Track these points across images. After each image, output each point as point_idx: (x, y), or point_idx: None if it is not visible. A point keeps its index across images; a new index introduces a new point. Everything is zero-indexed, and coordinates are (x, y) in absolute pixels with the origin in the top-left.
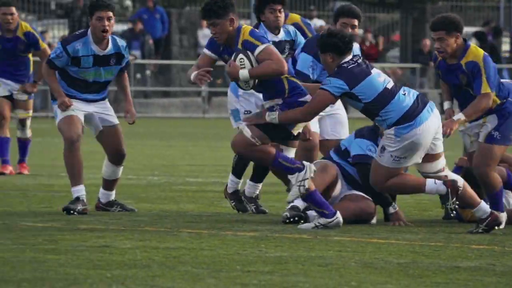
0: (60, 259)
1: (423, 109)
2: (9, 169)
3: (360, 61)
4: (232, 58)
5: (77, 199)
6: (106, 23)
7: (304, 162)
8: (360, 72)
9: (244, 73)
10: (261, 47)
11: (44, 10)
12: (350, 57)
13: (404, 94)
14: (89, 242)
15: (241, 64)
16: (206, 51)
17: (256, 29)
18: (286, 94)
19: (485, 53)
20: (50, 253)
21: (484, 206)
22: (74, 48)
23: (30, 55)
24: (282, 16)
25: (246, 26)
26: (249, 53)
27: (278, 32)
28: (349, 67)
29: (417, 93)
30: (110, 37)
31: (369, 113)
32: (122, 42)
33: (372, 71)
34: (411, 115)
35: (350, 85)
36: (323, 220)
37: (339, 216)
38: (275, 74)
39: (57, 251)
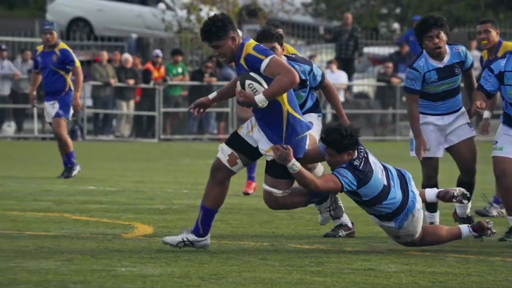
0: (325, 281)
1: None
2: (252, 186)
3: (365, 154)
4: (239, 86)
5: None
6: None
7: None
8: (368, 170)
9: (260, 98)
10: (266, 61)
11: (313, 35)
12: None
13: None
14: (355, 265)
15: (252, 90)
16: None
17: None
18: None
19: None
20: (316, 275)
21: None
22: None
23: None
24: (441, 41)
25: (252, 41)
26: (253, 74)
27: (442, 58)
28: (361, 166)
29: (396, 176)
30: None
31: (363, 205)
32: None
33: (373, 167)
34: (401, 208)
35: (359, 185)
36: (191, 237)
37: (207, 239)
38: (290, 86)
39: (323, 273)
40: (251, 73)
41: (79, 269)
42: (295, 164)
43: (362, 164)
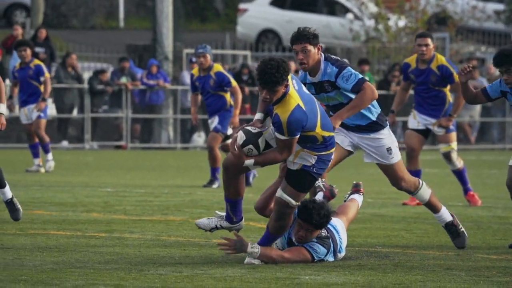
0: None
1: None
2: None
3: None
4: (241, 141)
5: None
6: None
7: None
8: (330, 235)
9: (249, 162)
10: (284, 137)
11: (504, 42)
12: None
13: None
14: None
15: (248, 153)
16: None
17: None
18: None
19: None
20: (504, 286)
21: None
22: None
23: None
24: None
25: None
26: (261, 140)
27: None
28: (327, 241)
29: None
30: None
31: None
32: None
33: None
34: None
35: (328, 252)
36: (225, 224)
37: (241, 223)
38: (275, 163)
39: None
40: (262, 137)
41: (263, 277)
42: (254, 248)
43: (328, 238)
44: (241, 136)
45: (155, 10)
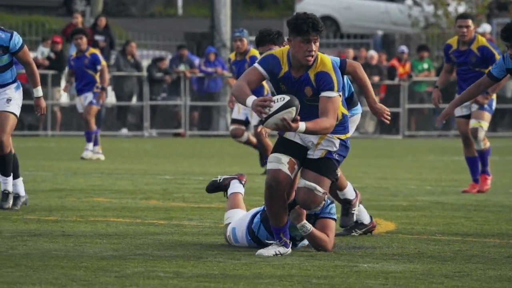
0: None
1: None
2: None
3: None
4: (279, 104)
5: None
6: None
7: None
8: None
9: (302, 127)
10: (333, 94)
11: None
12: None
13: None
14: None
15: (288, 117)
16: (259, 66)
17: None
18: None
19: None
20: None
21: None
22: None
23: None
24: None
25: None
26: (297, 102)
27: None
28: None
29: None
30: None
31: None
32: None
33: None
34: None
35: None
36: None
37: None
38: (327, 132)
39: None
40: (297, 101)
41: (322, 265)
42: (305, 225)
43: None
44: (280, 98)
45: None
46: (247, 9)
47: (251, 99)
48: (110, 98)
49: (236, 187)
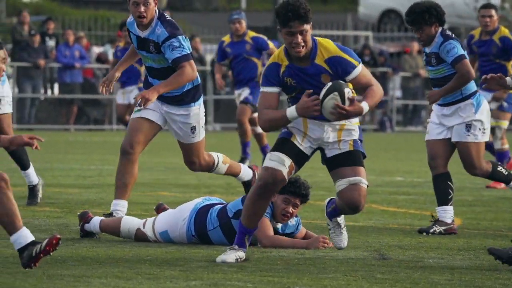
0: None
1: None
2: None
3: None
4: (329, 96)
5: None
6: (142, 8)
7: None
8: None
9: (366, 107)
10: (359, 68)
11: None
12: None
13: None
14: None
15: (350, 99)
16: (266, 88)
17: None
18: None
19: None
20: None
21: None
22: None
23: None
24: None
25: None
26: (338, 67)
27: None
28: None
29: None
30: (157, 21)
31: None
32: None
33: None
34: None
35: None
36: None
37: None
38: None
39: None
40: (348, 89)
41: (387, 260)
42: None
43: None
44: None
45: None
46: (311, 3)
47: (291, 110)
48: None
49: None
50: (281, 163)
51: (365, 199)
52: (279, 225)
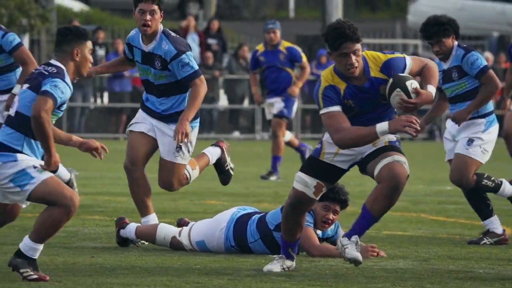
0: None
1: None
2: None
3: None
4: (395, 90)
5: None
6: (148, 17)
7: None
8: None
9: (432, 90)
10: (408, 59)
11: None
12: None
13: None
14: None
15: (414, 92)
16: (332, 108)
17: None
18: None
19: None
20: None
21: None
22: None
23: None
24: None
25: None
26: (392, 71)
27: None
28: None
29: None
30: (161, 35)
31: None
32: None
33: None
34: None
35: None
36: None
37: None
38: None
39: None
40: (411, 81)
41: (436, 270)
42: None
43: None
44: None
45: (325, 0)
46: (359, 11)
47: (381, 126)
48: (222, 101)
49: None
50: (305, 184)
51: (406, 180)
52: (319, 232)
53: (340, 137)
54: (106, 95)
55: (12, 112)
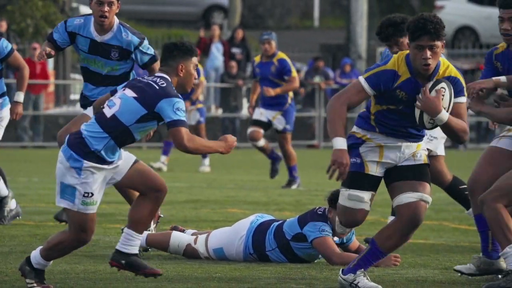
0: None
1: None
2: None
3: None
4: (429, 84)
5: None
6: (106, 8)
7: None
8: None
9: (444, 116)
10: (465, 99)
11: None
12: None
13: None
14: None
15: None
16: (367, 85)
17: None
18: None
19: None
20: None
21: None
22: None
23: None
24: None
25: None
26: (452, 86)
27: None
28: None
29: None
30: (119, 26)
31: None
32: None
33: None
34: None
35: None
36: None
37: None
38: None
39: None
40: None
41: (457, 278)
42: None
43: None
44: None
45: (350, 9)
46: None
47: (339, 144)
48: (245, 110)
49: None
50: (360, 200)
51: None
52: (336, 239)
53: (333, 102)
54: None
55: (108, 112)
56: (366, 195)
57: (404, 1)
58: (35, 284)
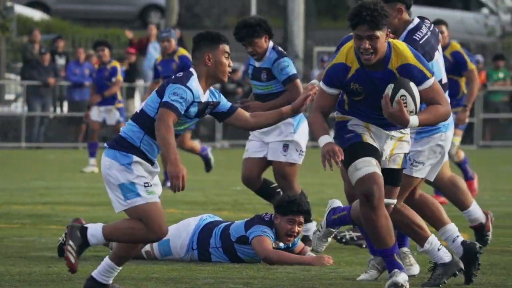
0: None
1: None
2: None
3: None
4: (389, 91)
5: None
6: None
7: None
8: None
9: (414, 121)
10: (431, 81)
11: None
12: None
13: None
14: None
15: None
16: (325, 87)
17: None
18: None
19: None
20: None
21: None
22: None
23: None
24: None
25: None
26: (413, 85)
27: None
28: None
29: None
30: None
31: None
32: None
33: None
34: None
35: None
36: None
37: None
38: (444, 120)
39: None
40: (412, 83)
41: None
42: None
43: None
44: (388, 87)
45: (287, 9)
46: (321, 20)
47: (324, 140)
48: None
49: None
50: (370, 164)
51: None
52: (282, 244)
53: (309, 114)
54: (66, 104)
55: (138, 108)
56: (372, 159)
57: (341, 1)
58: (73, 251)
